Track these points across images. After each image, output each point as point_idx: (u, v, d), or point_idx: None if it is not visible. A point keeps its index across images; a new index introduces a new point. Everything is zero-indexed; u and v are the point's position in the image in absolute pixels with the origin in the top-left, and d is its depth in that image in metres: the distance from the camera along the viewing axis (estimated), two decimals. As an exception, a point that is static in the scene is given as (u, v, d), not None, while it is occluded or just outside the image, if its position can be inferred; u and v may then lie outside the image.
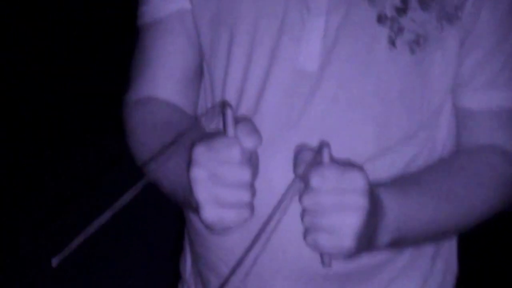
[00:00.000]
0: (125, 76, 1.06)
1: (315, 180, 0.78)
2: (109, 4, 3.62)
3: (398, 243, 0.90)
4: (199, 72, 1.04)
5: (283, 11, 0.92)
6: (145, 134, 0.97)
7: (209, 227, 0.79)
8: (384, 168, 0.93)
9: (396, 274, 1.01)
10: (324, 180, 0.78)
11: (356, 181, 0.78)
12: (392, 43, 0.90)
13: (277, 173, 0.91)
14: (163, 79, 1.01)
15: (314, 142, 0.89)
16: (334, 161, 0.80)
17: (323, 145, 0.80)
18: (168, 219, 2.46)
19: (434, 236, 0.97)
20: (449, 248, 1.08)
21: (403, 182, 0.91)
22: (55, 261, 0.60)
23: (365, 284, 0.99)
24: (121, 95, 1.06)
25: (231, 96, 0.97)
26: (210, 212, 0.77)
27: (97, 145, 3.20)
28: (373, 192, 0.82)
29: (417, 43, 0.90)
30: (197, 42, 1.01)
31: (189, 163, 0.78)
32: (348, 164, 0.80)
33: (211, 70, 1.00)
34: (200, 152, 0.77)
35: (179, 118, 0.99)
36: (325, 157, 0.79)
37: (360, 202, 0.78)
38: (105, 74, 3.28)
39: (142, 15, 1.04)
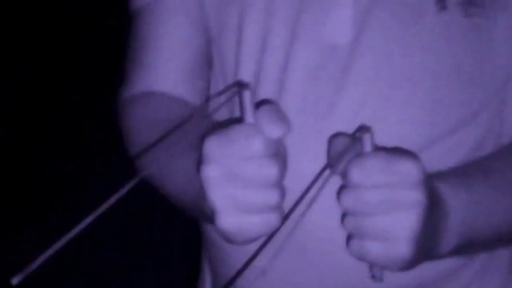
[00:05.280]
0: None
1: (356, 174, 0.64)
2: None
3: (465, 249, 0.75)
4: (207, 59, 0.91)
5: None
6: (146, 135, 0.84)
7: (228, 239, 0.65)
8: (442, 159, 0.79)
9: (465, 287, 0.87)
10: (367, 173, 0.63)
11: (408, 172, 0.63)
12: (442, 4, 0.75)
13: (310, 170, 0.75)
14: (164, 70, 0.88)
15: (352, 131, 0.74)
16: (377, 149, 0.65)
17: (363, 131, 0.65)
18: (181, 236, 2.35)
19: (510, 238, 0.82)
20: None
21: (466, 172, 0.77)
22: (17, 278, 0.49)
23: None
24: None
25: None
26: (228, 219, 0.63)
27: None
28: (431, 186, 0.67)
29: (473, 3, 0.76)
30: (203, 22, 0.88)
31: (200, 161, 0.64)
32: (396, 152, 0.65)
33: (221, 54, 0.87)
34: (213, 146, 0.63)
35: (185, 113, 0.85)
36: (366, 146, 0.65)
37: (414, 197, 0.63)
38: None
39: None
